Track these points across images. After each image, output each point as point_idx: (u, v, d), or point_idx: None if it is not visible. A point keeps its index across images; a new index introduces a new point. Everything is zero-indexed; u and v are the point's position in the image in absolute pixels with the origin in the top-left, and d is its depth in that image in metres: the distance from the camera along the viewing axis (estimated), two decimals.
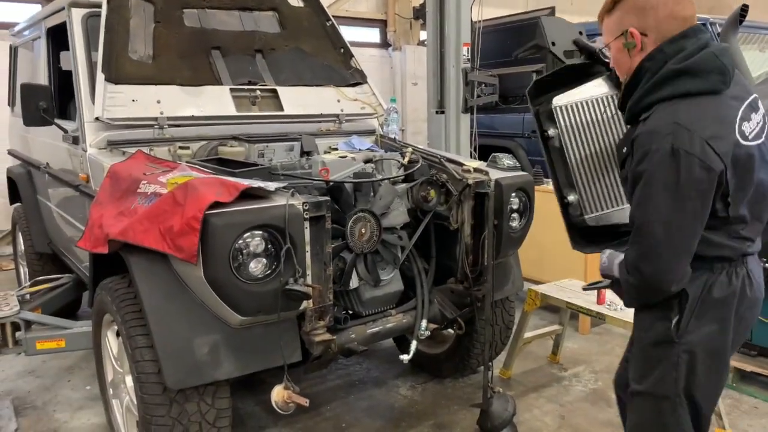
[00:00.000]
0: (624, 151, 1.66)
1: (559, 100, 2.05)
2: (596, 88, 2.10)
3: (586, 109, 2.07)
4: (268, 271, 2.12)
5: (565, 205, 2.11)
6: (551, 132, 2.09)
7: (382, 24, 8.93)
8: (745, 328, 1.72)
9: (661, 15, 1.58)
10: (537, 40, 2.18)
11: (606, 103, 2.09)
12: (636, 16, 1.60)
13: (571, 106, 2.06)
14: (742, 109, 1.56)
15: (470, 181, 2.75)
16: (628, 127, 1.73)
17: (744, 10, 4.52)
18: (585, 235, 2.12)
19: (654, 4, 1.58)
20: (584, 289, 2.15)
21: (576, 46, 2.13)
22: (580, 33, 2.17)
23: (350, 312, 2.65)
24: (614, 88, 2.08)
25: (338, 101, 3.53)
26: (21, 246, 4.61)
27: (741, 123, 1.55)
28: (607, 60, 2.01)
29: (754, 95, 1.63)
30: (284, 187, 2.22)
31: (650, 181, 1.52)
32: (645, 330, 1.73)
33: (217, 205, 2.01)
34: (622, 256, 1.72)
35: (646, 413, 1.74)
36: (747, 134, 1.56)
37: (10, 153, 4.85)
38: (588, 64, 2.13)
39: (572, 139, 2.06)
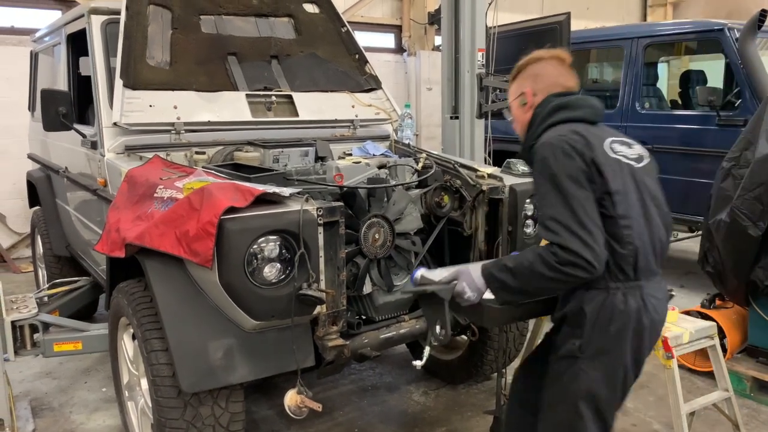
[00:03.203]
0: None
1: None
2: None
3: None
4: (282, 276, 2.13)
5: None
6: None
7: (397, 29, 8.95)
8: (649, 342, 1.84)
9: (549, 81, 1.96)
10: None
11: None
12: (532, 81, 1.99)
13: None
14: (613, 137, 1.85)
15: (484, 187, 2.75)
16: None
17: (763, 15, 4.48)
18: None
19: (545, 72, 1.97)
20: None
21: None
22: None
23: (363, 317, 2.65)
24: None
25: (353, 107, 3.55)
26: (40, 249, 4.68)
27: (612, 143, 1.82)
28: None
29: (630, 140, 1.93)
30: (298, 193, 2.23)
31: (549, 176, 1.75)
32: (556, 349, 1.88)
33: (232, 210, 2.03)
34: (473, 269, 1.87)
35: (557, 421, 1.88)
36: (618, 150, 1.82)
37: (30, 157, 4.92)
38: None
39: None
